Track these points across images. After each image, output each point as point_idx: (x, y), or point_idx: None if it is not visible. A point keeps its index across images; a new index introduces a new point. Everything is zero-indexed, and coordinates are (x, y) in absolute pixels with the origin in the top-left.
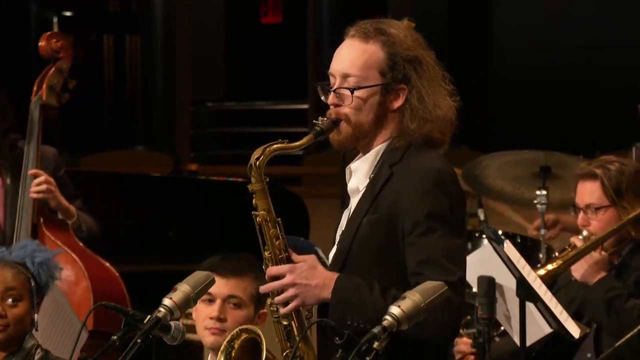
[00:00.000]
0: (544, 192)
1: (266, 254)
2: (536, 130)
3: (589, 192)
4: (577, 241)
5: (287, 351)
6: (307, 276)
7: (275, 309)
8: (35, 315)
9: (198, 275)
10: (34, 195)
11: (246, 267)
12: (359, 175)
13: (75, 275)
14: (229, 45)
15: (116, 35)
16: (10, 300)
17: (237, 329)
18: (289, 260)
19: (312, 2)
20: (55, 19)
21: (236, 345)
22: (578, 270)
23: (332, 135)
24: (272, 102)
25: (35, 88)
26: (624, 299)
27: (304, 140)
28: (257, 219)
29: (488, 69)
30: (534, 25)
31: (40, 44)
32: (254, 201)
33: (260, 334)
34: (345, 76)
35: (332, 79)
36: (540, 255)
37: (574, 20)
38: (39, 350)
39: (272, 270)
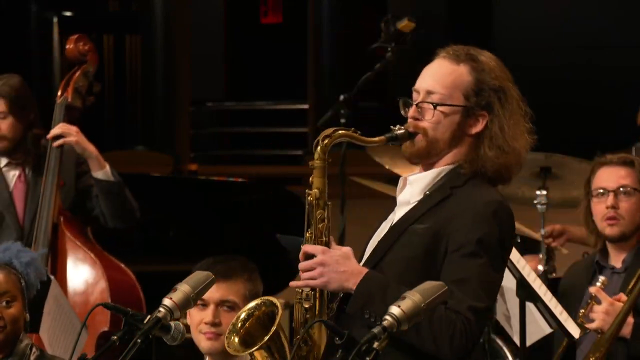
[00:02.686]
0: (544, 192)
1: (307, 234)
2: (536, 130)
3: (623, 175)
4: (595, 289)
5: (298, 336)
6: (338, 261)
7: (300, 290)
8: (27, 315)
9: (198, 276)
10: (56, 143)
11: (237, 269)
12: (414, 188)
13: (94, 277)
14: (229, 45)
15: (116, 35)
16: (4, 302)
17: (258, 300)
18: (327, 245)
19: (312, 2)
20: (55, 19)
21: (256, 314)
22: (604, 324)
23: (405, 145)
24: (272, 102)
25: (60, 90)
26: None
27: (376, 139)
28: (309, 198)
29: None
30: (534, 25)
31: (67, 46)
32: (310, 179)
33: (279, 306)
34: (429, 92)
35: (415, 95)
36: (540, 256)
37: (574, 20)
38: (34, 349)
39: (306, 247)
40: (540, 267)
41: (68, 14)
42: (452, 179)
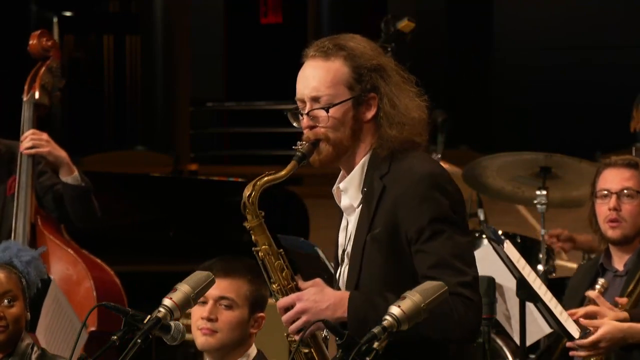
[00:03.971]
0: (544, 192)
1: (274, 286)
2: (536, 130)
3: (626, 177)
4: (594, 294)
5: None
6: (317, 299)
7: (293, 339)
8: (28, 314)
9: (198, 276)
10: (27, 151)
11: (240, 268)
12: (351, 192)
13: (77, 275)
14: (229, 45)
15: (116, 35)
16: (6, 301)
17: None
18: (297, 289)
19: (312, 2)
20: (55, 19)
21: None
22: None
23: (313, 157)
24: (272, 102)
25: (26, 87)
26: None
27: (288, 168)
28: (260, 255)
29: (488, 69)
30: (534, 25)
31: (30, 42)
32: (253, 238)
33: None
34: (315, 98)
35: (300, 104)
36: (540, 255)
37: (574, 20)
38: (35, 349)
39: (281, 302)
40: (540, 267)
41: (68, 14)
42: (376, 167)
